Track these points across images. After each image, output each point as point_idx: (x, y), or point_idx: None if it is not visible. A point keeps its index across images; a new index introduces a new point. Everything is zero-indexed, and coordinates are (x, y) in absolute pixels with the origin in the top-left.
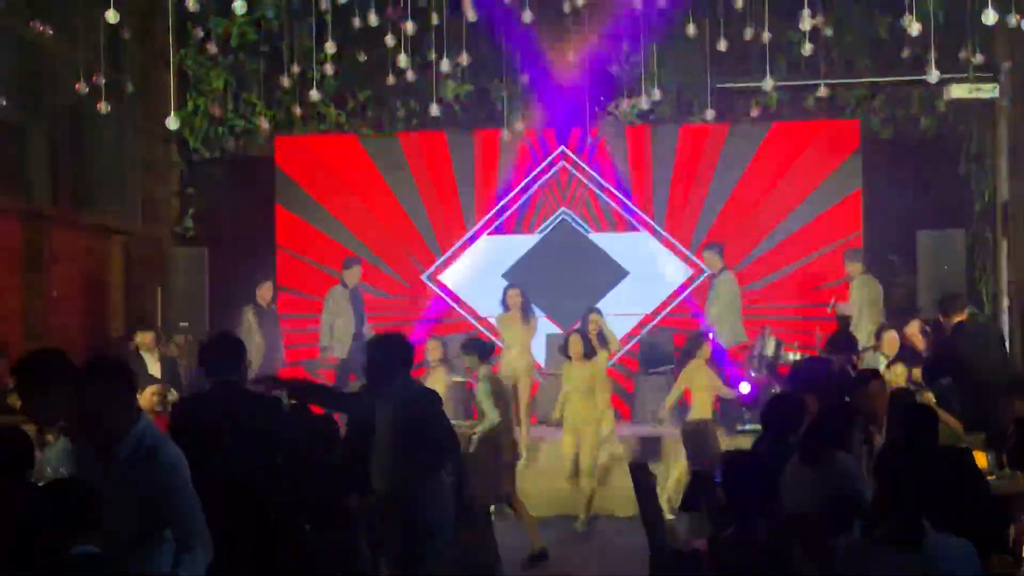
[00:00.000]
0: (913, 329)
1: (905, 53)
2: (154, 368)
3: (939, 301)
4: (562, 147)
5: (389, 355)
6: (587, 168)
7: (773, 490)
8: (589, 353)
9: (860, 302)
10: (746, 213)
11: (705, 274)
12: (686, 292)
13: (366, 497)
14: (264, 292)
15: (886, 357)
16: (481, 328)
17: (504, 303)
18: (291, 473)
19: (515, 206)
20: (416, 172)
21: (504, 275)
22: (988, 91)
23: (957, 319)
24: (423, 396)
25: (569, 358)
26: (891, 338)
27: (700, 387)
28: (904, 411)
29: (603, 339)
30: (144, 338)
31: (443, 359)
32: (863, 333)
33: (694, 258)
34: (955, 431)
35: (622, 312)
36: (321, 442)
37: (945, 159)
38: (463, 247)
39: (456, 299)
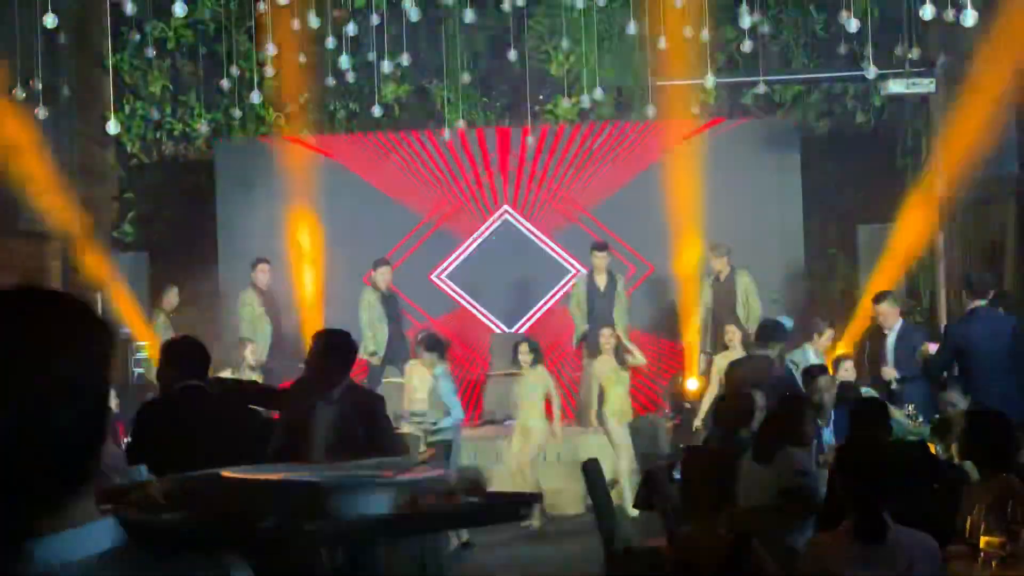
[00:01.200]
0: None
1: (842, 49)
2: None
3: (967, 280)
4: (501, 147)
5: (333, 352)
6: (528, 167)
7: (730, 485)
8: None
9: (744, 295)
10: (686, 210)
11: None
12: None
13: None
14: (170, 297)
15: (816, 353)
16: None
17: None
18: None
19: (458, 206)
20: (357, 174)
21: (447, 276)
22: (925, 86)
23: (976, 303)
24: (369, 399)
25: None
26: (827, 336)
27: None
28: (856, 406)
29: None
30: None
31: None
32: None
33: (633, 255)
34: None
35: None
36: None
37: (882, 154)
38: (407, 250)
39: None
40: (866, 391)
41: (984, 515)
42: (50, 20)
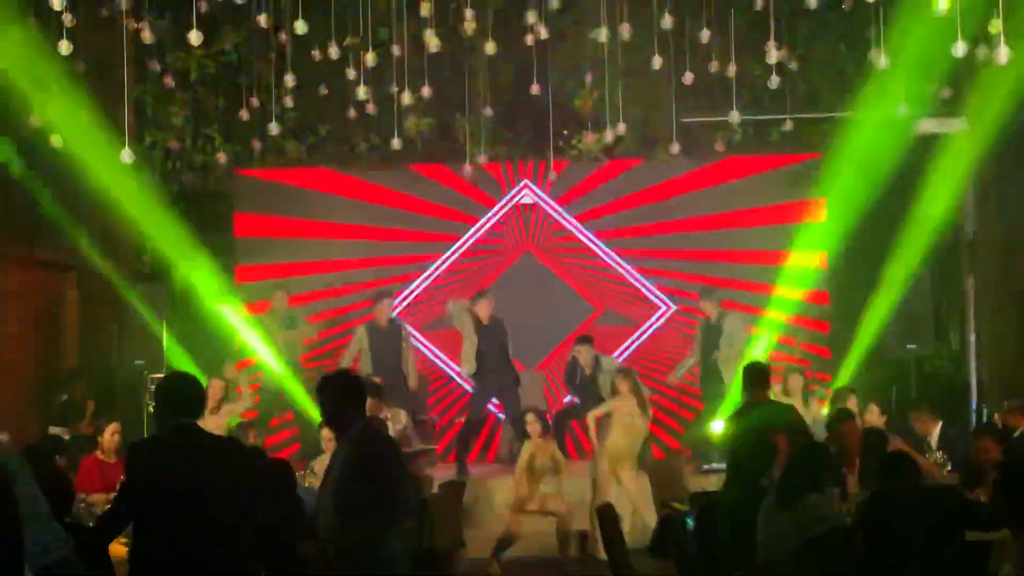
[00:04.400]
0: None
1: (871, 87)
2: None
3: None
4: (525, 181)
5: (344, 395)
6: (551, 202)
7: (748, 539)
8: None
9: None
10: (710, 248)
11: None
12: (651, 329)
13: (321, 546)
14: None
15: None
16: (444, 366)
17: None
18: (251, 516)
19: (479, 242)
20: (378, 207)
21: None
22: (956, 125)
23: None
24: (383, 442)
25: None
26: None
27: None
28: (884, 460)
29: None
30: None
31: None
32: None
33: (656, 296)
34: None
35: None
36: (281, 484)
37: (910, 194)
38: (429, 284)
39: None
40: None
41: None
42: (64, 48)
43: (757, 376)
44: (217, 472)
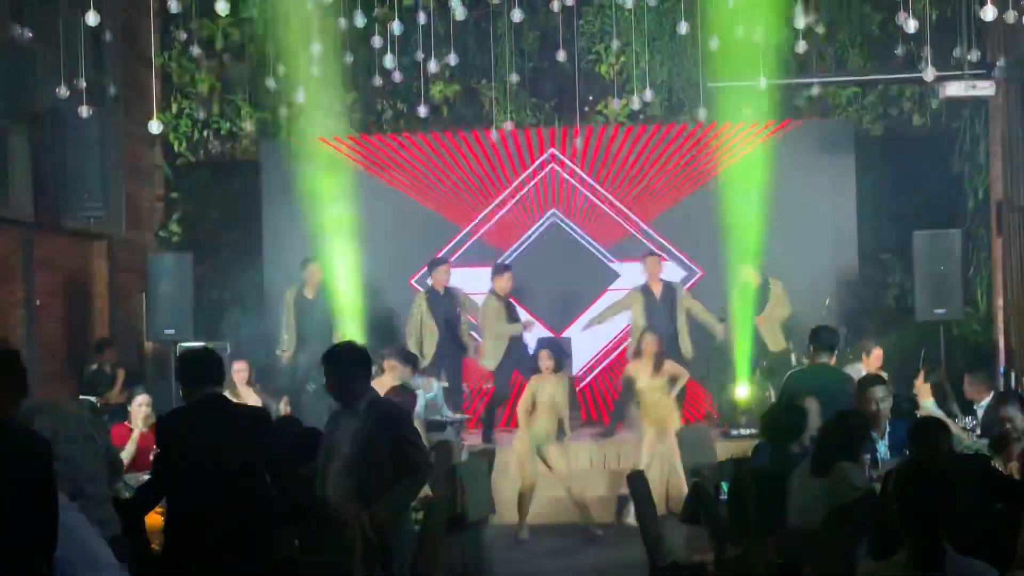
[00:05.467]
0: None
1: (899, 50)
2: None
3: None
4: (552, 148)
5: (352, 368)
6: (577, 169)
7: (779, 506)
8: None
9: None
10: (738, 213)
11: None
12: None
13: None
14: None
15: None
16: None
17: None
18: (279, 485)
19: (505, 208)
20: (404, 174)
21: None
22: (984, 89)
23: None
24: (392, 411)
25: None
26: (877, 355)
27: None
28: (915, 427)
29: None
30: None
31: None
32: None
33: (684, 259)
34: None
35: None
36: (309, 454)
37: (938, 157)
38: (454, 251)
39: None
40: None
41: None
42: (92, 18)
43: (817, 339)
44: (245, 441)
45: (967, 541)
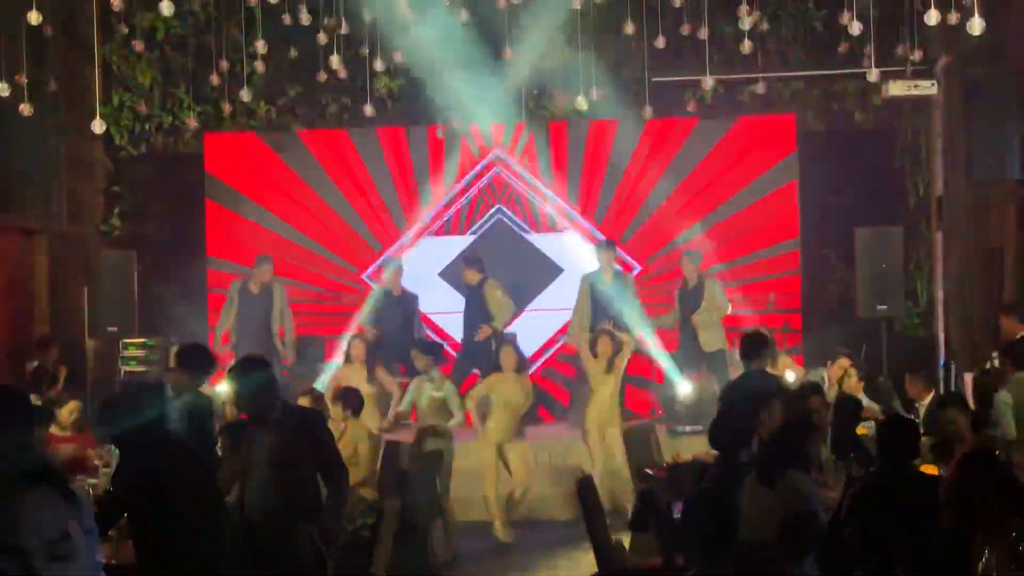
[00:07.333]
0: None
1: (842, 47)
2: None
3: None
4: (495, 146)
5: (262, 382)
6: (520, 167)
7: (733, 521)
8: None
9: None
10: (681, 209)
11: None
12: None
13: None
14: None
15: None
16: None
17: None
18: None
19: (451, 205)
20: (348, 170)
21: (440, 274)
22: (926, 88)
23: None
24: (306, 418)
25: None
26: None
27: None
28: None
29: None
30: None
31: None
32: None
33: (624, 256)
34: None
35: (556, 307)
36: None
37: (880, 154)
38: (400, 247)
39: None
40: (868, 403)
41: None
42: (34, 17)
43: (746, 346)
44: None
45: (924, 556)
